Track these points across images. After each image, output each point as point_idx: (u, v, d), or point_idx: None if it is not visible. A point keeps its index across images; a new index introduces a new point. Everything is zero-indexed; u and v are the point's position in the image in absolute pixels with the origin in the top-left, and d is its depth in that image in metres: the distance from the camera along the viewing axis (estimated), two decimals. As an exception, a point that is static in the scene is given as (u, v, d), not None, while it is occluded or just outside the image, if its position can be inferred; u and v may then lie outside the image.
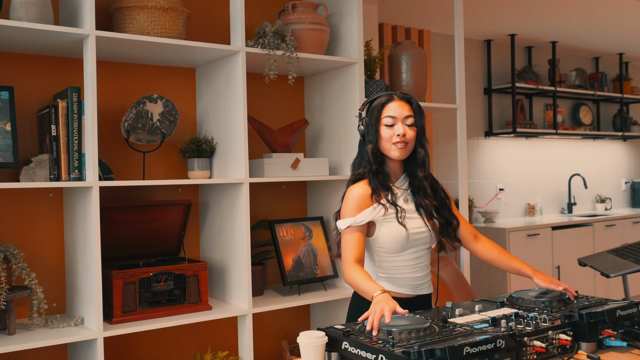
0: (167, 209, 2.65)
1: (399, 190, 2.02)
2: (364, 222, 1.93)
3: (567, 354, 1.61)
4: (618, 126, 6.59)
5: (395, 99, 2.01)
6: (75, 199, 2.47)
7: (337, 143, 3.08)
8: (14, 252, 2.29)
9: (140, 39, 2.41)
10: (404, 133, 1.96)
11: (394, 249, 1.97)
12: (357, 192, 1.98)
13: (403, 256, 1.99)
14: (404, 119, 1.98)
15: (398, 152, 1.97)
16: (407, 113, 1.99)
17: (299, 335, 1.59)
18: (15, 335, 2.27)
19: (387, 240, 1.97)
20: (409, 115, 1.99)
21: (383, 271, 2.02)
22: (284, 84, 3.16)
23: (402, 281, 2.01)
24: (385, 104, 2.00)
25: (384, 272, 2.02)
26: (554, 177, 6.16)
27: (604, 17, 4.91)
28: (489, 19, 4.89)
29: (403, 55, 3.28)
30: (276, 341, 3.19)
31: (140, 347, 2.79)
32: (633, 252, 3.24)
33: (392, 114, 1.98)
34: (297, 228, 3.01)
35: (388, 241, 1.97)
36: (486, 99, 5.63)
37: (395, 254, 1.99)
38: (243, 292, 2.67)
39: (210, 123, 2.86)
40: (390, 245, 1.97)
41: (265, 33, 2.73)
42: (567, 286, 1.93)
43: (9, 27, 2.17)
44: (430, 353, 1.39)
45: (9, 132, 2.31)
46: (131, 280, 2.45)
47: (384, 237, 1.97)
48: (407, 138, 1.97)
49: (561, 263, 5.26)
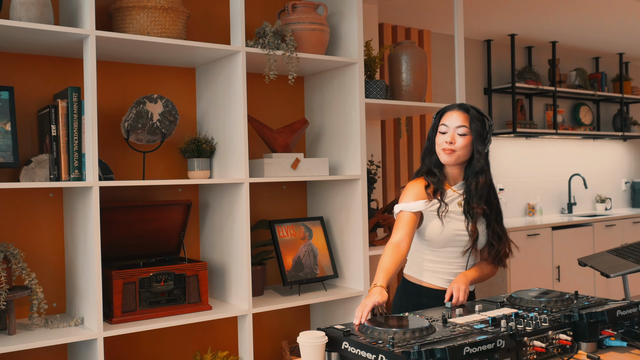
0: (167, 209, 2.65)
1: (454, 193, 2.15)
2: (414, 209, 2.09)
3: (567, 354, 1.61)
4: (618, 126, 6.59)
5: (453, 109, 2.14)
6: (75, 199, 2.47)
7: (337, 143, 3.08)
8: (14, 252, 2.29)
9: (140, 39, 2.41)
10: (451, 141, 2.09)
11: (433, 243, 2.13)
12: (414, 184, 2.16)
13: (442, 252, 2.15)
14: (457, 127, 2.10)
15: (446, 157, 2.11)
16: (460, 123, 2.10)
17: (299, 335, 1.60)
18: (15, 335, 2.27)
19: (428, 234, 2.12)
20: (461, 125, 2.10)
21: (425, 263, 2.18)
22: (284, 84, 3.16)
23: (439, 275, 2.16)
24: (444, 113, 2.16)
25: (425, 263, 2.18)
26: (554, 177, 6.16)
27: (604, 17, 4.91)
28: (489, 19, 4.89)
29: (403, 55, 3.28)
30: (276, 341, 3.19)
31: (140, 347, 2.79)
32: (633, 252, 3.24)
33: (446, 123, 2.12)
34: (297, 228, 3.01)
35: (429, 235, 2.12)
36: (486, 99, 5.63)
37: (435, 249, 2.14)
38: (243, 292, 2.67)
39: (210, 123, 2.86)
40: (430, 239, 2.12)
41: (265, 33, 2.73)
42: (457, 299, 2.02)
43: (9, 27, 2.17)
44: (430, 353, 1.39)
45: (9, 132, 2.31)
46: (131, 280, 2.45)
47: (427, 231, 2.12)
48: (455, 146, 2.09)
49: (561, 263, 5.26)
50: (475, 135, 2.10)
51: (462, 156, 2.12)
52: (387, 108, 3.31)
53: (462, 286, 2.03)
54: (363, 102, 2.96)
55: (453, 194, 2.14)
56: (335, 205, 3.11)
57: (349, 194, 3.02)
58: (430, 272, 2.18)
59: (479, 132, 2.10)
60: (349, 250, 3.03)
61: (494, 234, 2.14)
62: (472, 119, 2.10)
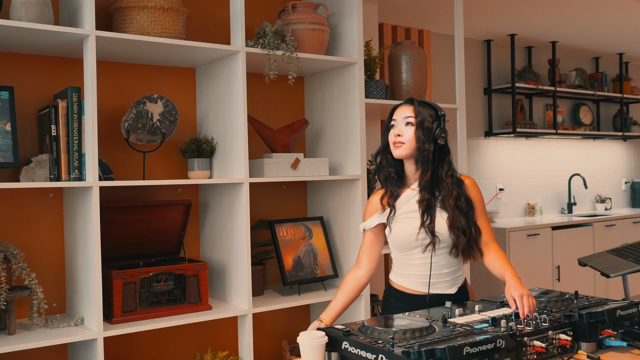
0: (167, 209, 2.65)
1: (412, 192, 2.08)
2: (371, 226, 2.10)
3: (567, 354, 1.61)
4: (618, 126, 6.59)
5: (400, 105, 2.10)
6: (75, 199, 2.47)
7: (337, 143, 3.08)
8: (14, 252, 2.29)
9: (140, 39, 2.41)
10: (399, 133, 2.04)
11: (398, 248, 2.08)
12: (370, 200, 2.16)
13: (412, 255, 2.07)
14: (403, 119, 2.05)
15: (396, 150, 2.05)
16: (407, 114, 2.05)
17: (299, 335, 1.60)
18: (15, 335, 2.27)
19: (391, 241, 2.09)
20: (407, 116, 2.05)
21: (398, 268, 2.13)
22: (284, 84, 3.16)
23: (413, 278, 2.09)
24: (393, 111, 2.11)
25: (399, 268, 2.13)
26: (554, 177, 6.16)
27: (604, 17, 4.91)
28: (489, 19, 4.89)
29: (403, 55, 3.28)
30: (276, 341, 3.19)
31: (140, 347, 2.79)
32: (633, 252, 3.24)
33: (395, 117, 2.09)
34: (297, 228, 3.01)
35: (392, 241, 2.09)
36: (486, 99, 5.63)
37: (404, 252, 2.08)
38: (243, 292, 2.67)
39: (210, 123, 2.86)
40: (394, 244, 2.09)
41: (265, 33, 2.73)
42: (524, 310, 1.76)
43: (9, 27, 2.17)
44: (430, 353, 1.39)
45: (9, 132, 2.31)
46: (131, 280, 2.45)
47: (390, 238, 2.09)
48: (404, 138, 2.04)
49: (561, 263, 5.26)
50: (417, 124, 2.02)
51: (412, 148, 2.02)
52: (387, 108, 3.31)
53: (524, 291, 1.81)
54: (363, 102, 2.96)
55: (410, 193, 2.07)
56: (335, 205, 3.11)
57: (349, 194, 3.02)
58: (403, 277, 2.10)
59: (422, 121, 2.02)
60: (349, 250, 3.03)
61: (453, 224, 1.99)
62: (417, 109, 2.04)
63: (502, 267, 2.00)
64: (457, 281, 2.09)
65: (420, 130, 2.02)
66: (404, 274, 2.11)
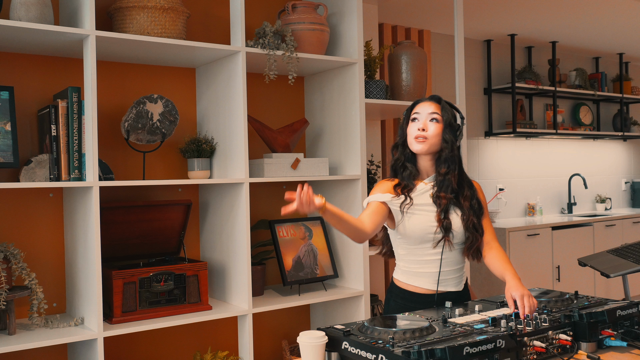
0: (167, 209, 2.65)
1: (426, 186, 2.08)
2: (380, 199, 2.04)
3: (567, 354, 1.61)
4: (618, 126, 6.59)
5: (425, 100, 2.11)
6: (75, 199, 2.47)
7: (337, 143, 3.08)
8: (14, 252, 2.29)
9: (140, 39, 2.41)
10: (423, 127, 2.05)
11: (411, 240, 2.06)
12: (383, 181, 2.13)
13: (422, 249, 2.06)
14: (429, 114, 2.06)
15: (418, 145, 2.05)
16: (433, 110, 2.07)
17: (299, 335, 1.60)
18: (15, 335, 2.27)
19: (402, 231, 2.06)
20: (433, 112, 2.06)
21: (406, 264, 2.11)
22: (284, 84, 3.16)
23: (422, 275, 2.07)
24: (416, 105, 2.12)
25: (406, 265, 2.10)
26: (554, 177, 6.16)
27: (604, 17, 4.91)
28: (489, 19, 4.89)
29: (403, 55, 3.28)
30: (276, 341, 3.19)
31: (140, 347, 2.79)
32: (633, 252, 3.24)
33: (418, 111, 2.09)
34: (297, 228, 3.01)
35: (405, 232, 2.05)
36: (486, 99, 5.63)
37: (415, 246, 2.06)
38: (243, 292, 2.67)
39: (210, 123, 2.86)
40: (407, 235, 2.06)
41: (265, 33, 2.73)
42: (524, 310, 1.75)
43: (9, 27, 2.17)
44: (430, 353, 1.39)
45: (9, 132, 2.31)
46: (131, 280, 2.45)
47: (399, 228, 2.06)
48: (427, 133, 2.05)
49: (561, 263, 5.26)
50: (445, 123, 2.05)
51: (434, 145, 2.05)
52: (387, 108, 3.31)
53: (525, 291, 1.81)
54: (363, 102, 2.96)
55: (424, 187, 2.08)
56: (335, 205, 3.10)
57: (349, 194, 3.02)
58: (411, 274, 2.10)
59: (450, 121, 2.06)
60: (349, 250, 3.03)
61: (468, 223, 2.04)
62: (444, 108, 2.08)
63: (502, 267, 2.01)
64: (462, 278, 2.13)
65: (447, 129, 2.06)
66: (412, 271, 2.09)
